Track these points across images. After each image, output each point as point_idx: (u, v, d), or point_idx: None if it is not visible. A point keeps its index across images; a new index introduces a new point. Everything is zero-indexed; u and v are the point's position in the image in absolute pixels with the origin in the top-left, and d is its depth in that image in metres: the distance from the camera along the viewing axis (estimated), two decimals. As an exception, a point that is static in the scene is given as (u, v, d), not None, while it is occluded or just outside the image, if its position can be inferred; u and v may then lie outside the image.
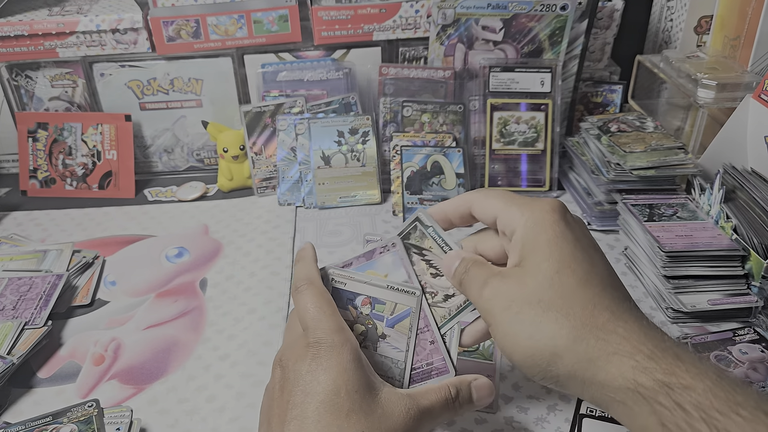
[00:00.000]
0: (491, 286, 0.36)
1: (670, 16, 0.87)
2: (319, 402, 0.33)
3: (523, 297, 0.34)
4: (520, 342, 0.34)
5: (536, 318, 0.33)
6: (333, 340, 0.35)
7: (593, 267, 0.35)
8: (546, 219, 0.36)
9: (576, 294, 0.33)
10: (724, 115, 0.70)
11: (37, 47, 0.77)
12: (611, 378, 0.31)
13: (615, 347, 0.31)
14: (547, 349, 0.33)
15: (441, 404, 0.37)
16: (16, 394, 0.51)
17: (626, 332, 0.32)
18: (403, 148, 0.75)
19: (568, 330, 0.32)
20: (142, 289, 0.63)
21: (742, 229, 0.57)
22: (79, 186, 0.81)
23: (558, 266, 0.34)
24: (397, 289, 0.40)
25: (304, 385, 0.34)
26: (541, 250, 0.35)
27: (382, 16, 0.77)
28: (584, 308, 0.33)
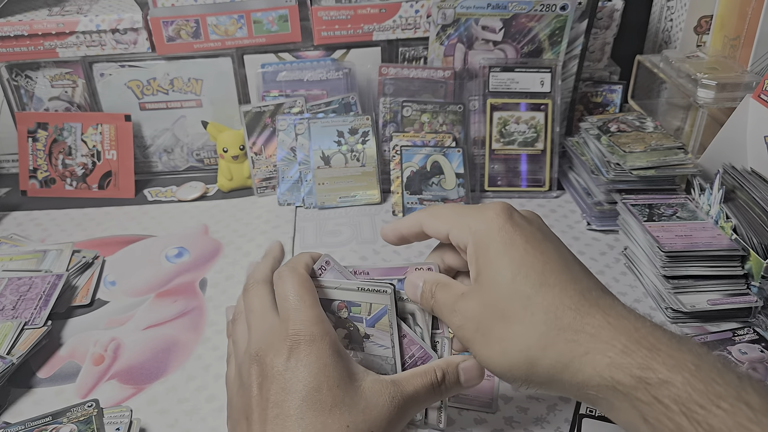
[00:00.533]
0: (458, 313, 0.36)
1: (670, 16, 0.87)
2: (300, 400, 0.33)
3: (486, 315, 0.34)
4: (496, 360, 0.34)
5: (503, 334, 0.33)
6: (312, 332, 0.35)
7: (548, 264, 0.34)
8: (492, 227, 0.35)
9: (534, 300, 0.33)
10: (723, 115, 0.70)
11: (37, 47, 0.77)
12: (588, 377, 0.31)
13: (586, 347, 0.31)
14: (522, 361, 0.32)
15: (426, 388, 0.37)
16: (15, 394, 0.51)
17: (594, 329, 0.31)
18: (403, 148, 0.75)
19: (535, 339, 0.32)
20: (141, 289, 0.63)
21: (741, 229, 0.57)
22: (79, 186, 0.81)
23: (511, 275, 0.34)
24: (368, 289, 0.39)
25: (283, 382, 0.34)
26: (492, 262, 0.35)
27: (381, 16, 0.77)
28: (546, 313, 0.32)
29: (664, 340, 0.30)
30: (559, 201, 0.77)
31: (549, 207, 0.76)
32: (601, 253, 0.67)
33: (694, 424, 0.28)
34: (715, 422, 0.27)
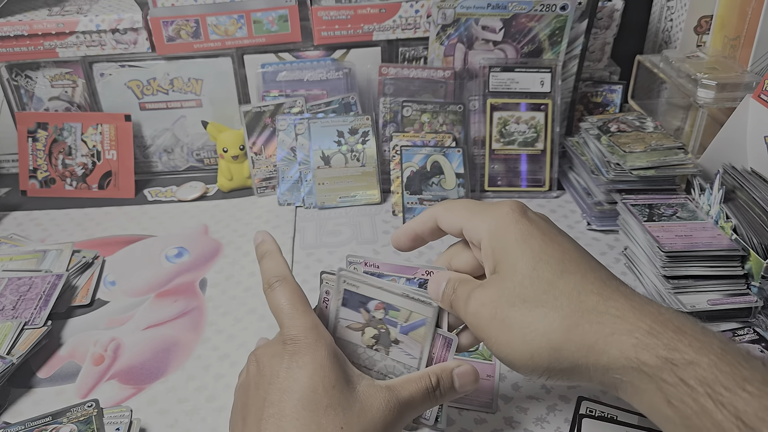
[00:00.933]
0: (474, 299, 0.36)
1: (670, 16, 0.87)
2: (296, 400, 0.34)
3: (506, 301, 0.34)
4: (516, 347, 0.33)
5: (524, 318, 0.33)
6: (307, 337, 0.35)
7: (566, 254, 0.34)
8: (508, 220, 0.36)
9: (557, 284, 0.33)
10: (723, 115, 0.70)
11: (36, 47, 0.77)
12: (613, 359, 0.30)
13: (611, 328, 0.31)
14: (544, 347, 0.32)
15: (421, 394, 0.37)
16: (15, 394, 0.51)
17: (619, 311, 0.31)
18: (403, 148, 0.75)
19: (559, 321, 0.32)
20: (141, 289, 0.63)
21: (741, 229, 0.57)
22: (79, 186, 0.81)
23: (532, 262, 0.34)
24: (413, 298, 0.39)
25: (280, 382, 0.34)
26: (511, 251, 0.35)
27: (381, 16, 0.77)
28: (569, 296, 0.32)
29: (689, 324, 0.30)
30: (559, 201, 0.77)
31: (549, 207, 0.76)
32: (601, 253, 0.67)
33: (719, 406, 0.27)
34: (740, 405, 0.27)
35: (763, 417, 0.26)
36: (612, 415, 0.47)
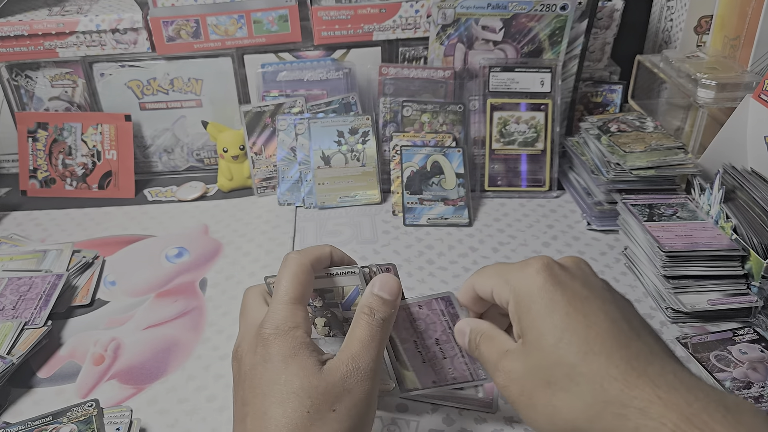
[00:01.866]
0: (502, 372, 0.35)
1: (670, 16, 0.87)
2: (263, 395, 0.34)
3: (531, 380, 0.33)
4: (543, 426, 0.33)
5: (549, 402, 0.32)
6: (279, 326, 0.36)
7: (591, 330, 0.32)
8: (533, 286, 0.34)
9: (580, 368, 0.31)
10: (723, 115, 0.70)
11: (36, 47, 0.77)
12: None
13: (635, 422, 0.29)
14: (567, 428, 0.32)
15: (366, 333, 0.37)
16: (15, 394, 0.51)
17: (643, 403, 0.29)
18: (403, 148, 0.75)
19: (581, 411, 0.31)
20: (141, 289, 0.63)
21: (741, 229, 0.57)
22: (79, 186, 0.81)
23: (554, 340, 0.32)
24: (336, 273, 0.40)
25: (252, 379, 0.35)
26: (534, 325, 0.34)
27: (382, 16, 0.77)
28: (592, 383, 0.31)
29: (717, 417, 0.28)
30: (559, 201, 0.77)
31: (549, 207, 0.76)
32: (602, 253, 0.67)
33: None
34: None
35: None
36: (612, 415, 0.47)
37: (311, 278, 0.38)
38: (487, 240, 0.70)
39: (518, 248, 0.68)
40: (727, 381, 0.49)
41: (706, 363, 0.51)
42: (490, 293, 0.38)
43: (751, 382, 0.49)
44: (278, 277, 0.38)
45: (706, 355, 0.52)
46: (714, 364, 0.51)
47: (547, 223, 0.73)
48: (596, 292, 0.34)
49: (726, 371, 0.50)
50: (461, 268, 0.65)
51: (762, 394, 0.47)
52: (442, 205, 0.73)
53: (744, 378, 0.49)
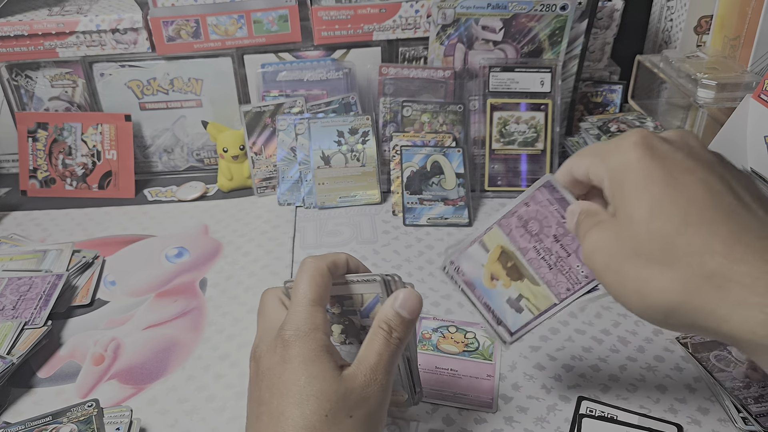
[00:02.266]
0: (589, 241, 0.33)
1: (670, 16, 0.87)
2: (281, 395, 0.34)
3: (620, 252, 0.31)
4: (630, 298, 0.31)
5: (639, 274, 0.30)
6: (299, 328, 0.36)
7: (693, 202, 0.30)
8: (630, 160, 0.32)
9: (677, 242, 0.29)
10: (723, 115, 0.70)
11: (36, 47, 0.77)
12: (738, 332, 0.28)
13: (736, 297, 0.28)
14: (659, 305, 0.30)
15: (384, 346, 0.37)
16: (15, 394, 0.51)
17: (749, 277, 0.27)
18: (403, 148, 0.75)
19: (677, 284, 0.29)
20: (141, 289, 0.63)
21: (741, 229, 0.57)
22: (79, 186, 0.81)
23: (650, 213, 0.30)
24: (356, 281, 0.39)
25: (270, 379, 0.35)
26: (629, 198, 0.31)
27: (381, 16, 0.77)
28: (690, 256, 0.29)
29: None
30: (559, 201, 0.77)
31: (549, 207, 0.76)
32: (601, 253, 0.67)
33: None
34: None
35: None
36: (612, 414, 0.47)
37: (329, 281, 0.38)
38: (487, 240, 0.70)
39: (518, 248, 0.68)
40: (726, 381, 0.49)
41: (705, 363, 0.51)
42: (586, 173, 0.35)
43: (750, 382, 0.49)
44: (296, 280, 0.38)
45: (706, 355, 0.52)
46: (714, 363, 0.51)
47: (547, 223, 0.73)
48: (703, 163, 0.32)
49: (726, 371, 0.50)
50: (461, 268, 0.65)
51: (762, 394, 0.47)
52: (442, 205, 0.73)
53: (744, 378, 0.49)
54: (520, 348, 0.54)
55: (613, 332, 0.56)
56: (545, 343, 0.55)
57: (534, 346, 0.55)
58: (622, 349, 0.54)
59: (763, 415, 0.46)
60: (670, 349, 0.54)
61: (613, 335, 0.56)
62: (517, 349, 0.54)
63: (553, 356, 0.53)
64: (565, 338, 0.55)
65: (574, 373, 0.52)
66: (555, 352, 0.54)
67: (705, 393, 0.50)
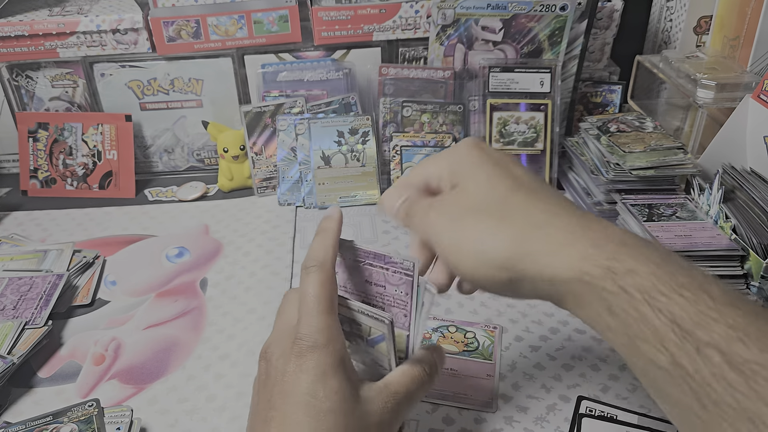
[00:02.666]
0: (435, 207, 0.37)
1: (670, 16, 0.87)
2: (296, 404, 0.34)
3: (465, 207, 0.36)
4: (468, 248, 0.34)
5: (477, 226, 0.34)
6: (317, 339, 0.35)
7: (517, 178, 0.36)
8: (467, 153, 0.38)
9: (509, 199, 0.35)
10: (723, 115, 0.70)
11: (37, 47, 0.77)
12: (558, 271, 0.32)
13: (558, 241, 0.32)
14: (495, 252, 0.33)
15: (416, 385, 0.38)
16: (16, 394, 0.51)
17: (567, 225, 0.33)
18: (403, 148, 0.75)
19: (511, 231, 0.33)
20: (142, 289, 0.64)
21: (741, 229, 0.57)
22: (80, 186, 0.81)
23: (487, 178, 0.36)
24: (367, 314, 0.39)
25: (283, 385, 0.35)
26: (470, 170, 0.37)
27: (382, 16, 0.77)
28: (520, 211, 0.34)
29: (632, 238, 0.32)
30: (559, 201, 0.77)
31: (549, 207, 0.76)
32: (601, 253, 0.67)
33: (656, 311, 0.28)
34: (676, 310, 0.28)
35: (698, 321, 0.27)
36: (612, 414, 0.47)
37: (336, 286, 0.38)
38: (487, 240, 0.70)
39: (518, 248, 0.68)
40: (726, 381, 0.49)
41: (705, 363, 0.51)
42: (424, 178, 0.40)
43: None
44: (302, 288, 0.37)
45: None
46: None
47: (546, 223, 0.73)
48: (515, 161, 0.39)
49: (725, 371, 0.50)
50: (461, 268, 0.65)
51: (761, 393, 0.48)
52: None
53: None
54: (520, 348, 0.54)
55: (613, 332, 0.56)
56: (545, 342, 0.55)
57: (534, 346, 0.55)
58: (621, 348, 0.54)
59: (762, 414, 0.46)
60: (670, 349, 0.54)
61: (612, 335, 0.56)
62: (517, 348, 0.54)
63: (552, 356, 0.54)
64: (565, 338, 0.56)
65: (574, 372, 0.52)
66: (555, 351, 0.54)
67: (704, 393, 0.50)
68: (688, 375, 0.27)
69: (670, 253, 0.31)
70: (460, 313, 0.59)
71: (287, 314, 0.39)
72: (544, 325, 0.57)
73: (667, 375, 0.28)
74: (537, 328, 0.57)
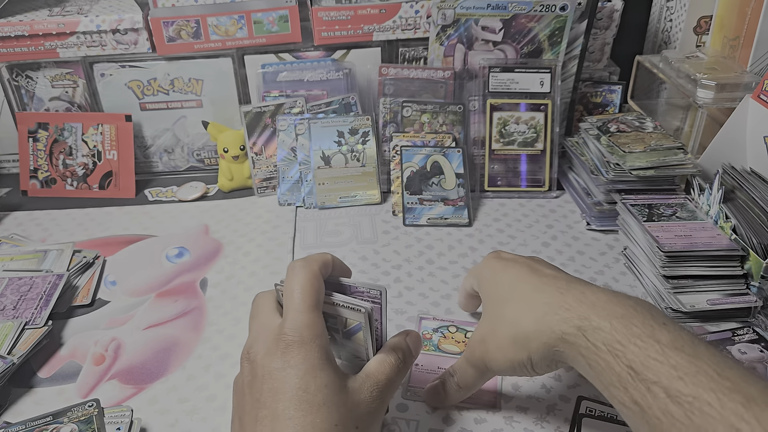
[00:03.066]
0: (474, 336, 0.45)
1: (670, 16, 0.87)
2: (288, 400, 0.34)
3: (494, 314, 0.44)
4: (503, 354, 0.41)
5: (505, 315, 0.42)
6: (303, 334, 0.36)
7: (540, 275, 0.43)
8: (485, 265, 0.47)
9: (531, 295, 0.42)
10: (723, 115, 0.70)
11: (37, 47, 0.77)
12: (550, 337, 0.38)
13: (543, 311, 0.39)
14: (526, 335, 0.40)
15: (395, 372, 0.39)
16: (16, 394, 0.51)
17: (550, 298, 0.39)
18: (403, 149, 0.75)
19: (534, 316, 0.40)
20: (142, 289, 0.64)
21: (741, 229, 0.57)
22: (80, 186, 0.81)
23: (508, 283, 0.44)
24: (342, 305, 0.39)
25: (272, 382, 0.35)
26: (490, 284, 0.46)
27: (382, 16, 0.77)
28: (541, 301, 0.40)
29: (602, 297, 0.38)
30: (559, 201, 0.77)
31: (548, 207, 0.76)
32: (601, 253, 0.67)
33: (617, 359, 0.34)
34: (631, 356, 0.33)
35: (647, 364, 0.32)
36: (612, 414, 0.47)
37: (322, 285, 0.39)
38: (487, 240, 0.70)
39: (518, 248, 0.68)
40: (726, 380, 0.49)
41: (705, 363, 0.51)
42: (468, 290, 0.51)
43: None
44: (288, 285, 0.38)
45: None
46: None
47: (546, 223, 0.73)
48: (526, 259, 0.46)
49: (725, 371, 0.50)
50: (461, 268, 0.65)
51: (761, 393, 0.48)
52: (442, 205, 0.73)
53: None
54: (520, 348, 0.55)
55: (613, 332, 0.56)
56: (545, 342, 0.55)
57: (534, 346, 0.55)
58: (621, 348, 0.54)
59: (762, 414, 0.46)
60: (670, 349, 0.54)
61: (612, 335, 0.56)
62: (517, 348, 0.54)
63: (552, 356, 0.54)
64: (565, 338, 0.56)
65: (574, 372, 0.52)
66: (555, 351, 0.54)
67: (704, 393, 0.50)
68: (644, 411, 0.32)
69: (633, 305, 0.36)
70: (460, 313, 0.59)
71: (263, 315, 0.40)
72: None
73: (631, 413, 0.33)
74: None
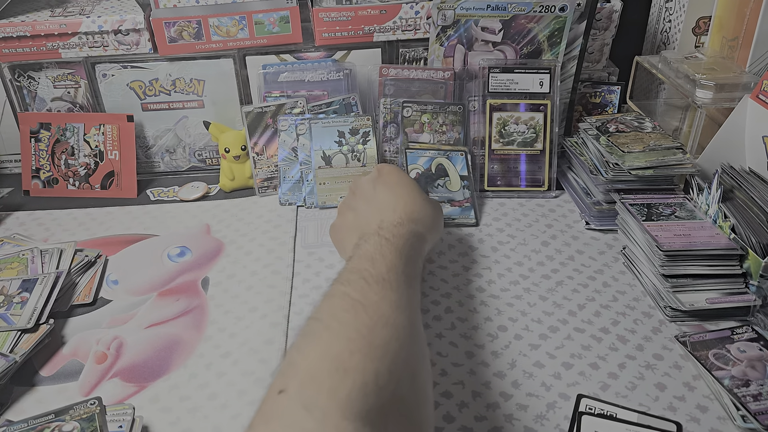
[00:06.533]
0: None
1: (669, 17, 0.87)
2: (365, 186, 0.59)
3: None
4: None
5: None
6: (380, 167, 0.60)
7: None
8: None
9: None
10: (722, 115, 0.70)
11: (39, 48, 0.78)
12: None
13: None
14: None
15: None
16: (18, 392, 0.52)
17: None
18: (408, 151, 0.76)
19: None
20: (144, 288, 0.64)
21: (740, 229, 0.58)
22: (82, 186, 0.81)
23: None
24: None
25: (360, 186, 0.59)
26: None
27: (382, 17, 0.77)
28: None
29: None
30: (558, 201, 0.78)
31: (548, 207, 0.76)
32: (600, 253, 0.68)
33: None
34: None
35: None
36: (611, 412, 0.47)
37: None
38: (487, 239, 0.70)
39: (517, 247, 0.69)
40: (725, 379, 0.49)
41: (704, 361, 0.51)
42: None
43: (749, 380, 0.49)
44: None
45: (705, 354, 0.52)
46: (713, 362, 0.51)
47: (546, 223, 0.73)
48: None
49: (725, 369, 0.50)
50: (461, 267, 0.66)
51: (761, 392, 0.48)
52: (448, 206, 0.74)
53: (743, 376, 0.49)
54: (519, 346, 0.55)
55: (612, 330, 0.56)
56: (545, 341, 0.55)
57: (533, 344, 0.55)
58: (621, 347, 0.55)
59: (761, 413, 0.46)
60: (669, 348, 0.54)
61: (612, 333, 0.56)
62: (516, 347, 0.55)
63: (552, 354, 0.54)
64: (565, 336, 0.56)
65: (574, 371, 0.52)
66: (554, 350, 0.54)
67: (704, 391, 0.50)
68: None
69: None
70: (460, 312, 0.59)
71: None
72: (543, 323, 0.57)
73: None
74: (536, 326, 0.57)
